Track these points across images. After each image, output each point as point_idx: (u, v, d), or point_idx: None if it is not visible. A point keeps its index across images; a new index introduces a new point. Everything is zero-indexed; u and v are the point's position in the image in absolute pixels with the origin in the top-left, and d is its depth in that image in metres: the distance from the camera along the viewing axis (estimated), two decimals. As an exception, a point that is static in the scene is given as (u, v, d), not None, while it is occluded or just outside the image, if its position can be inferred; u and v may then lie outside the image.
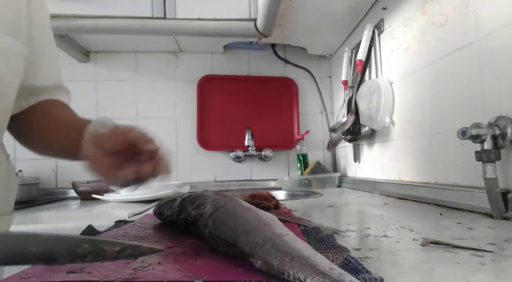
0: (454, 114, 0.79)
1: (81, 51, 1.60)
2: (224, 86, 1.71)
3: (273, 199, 0.83)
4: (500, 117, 0.63)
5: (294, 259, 0.30)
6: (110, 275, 0.33)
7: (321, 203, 0.99)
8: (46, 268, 0.36)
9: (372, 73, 1.23)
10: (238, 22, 1.26)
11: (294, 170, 1.73)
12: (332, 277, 0.27)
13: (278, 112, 1.74)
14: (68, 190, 1.50)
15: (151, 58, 1.69)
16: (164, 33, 1.39)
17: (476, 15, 0.71)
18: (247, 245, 0.35)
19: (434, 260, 0.39)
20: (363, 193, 1.21)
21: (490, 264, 0.37)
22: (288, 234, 0.36)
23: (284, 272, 0.29)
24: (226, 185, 1.67)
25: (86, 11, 1.20)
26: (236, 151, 1.66)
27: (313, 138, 1.75)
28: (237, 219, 0.41)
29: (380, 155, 1.21)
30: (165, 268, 0.35)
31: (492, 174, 0.61)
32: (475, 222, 0.60)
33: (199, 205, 0.49)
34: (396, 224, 0.61)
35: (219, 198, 0.49)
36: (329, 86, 1.79)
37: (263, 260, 0.32)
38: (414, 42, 0.96)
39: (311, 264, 0.29)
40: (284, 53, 1.77)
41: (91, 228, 0.57)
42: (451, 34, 0.79)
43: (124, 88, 1.66)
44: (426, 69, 0.90)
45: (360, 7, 1.25)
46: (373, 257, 0.41)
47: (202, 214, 0.47)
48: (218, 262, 0.37)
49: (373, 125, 1.17)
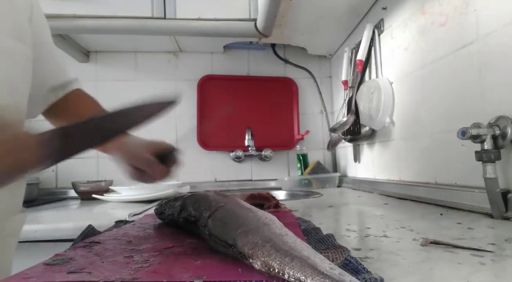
0: (454, 114, 0.79)
1: (81, 51, 1.60)
2: (224, 86, 1.71)
3: (273, 199, 0.83)
4: (500, 117, 0.63)
5: (294, 259, 0.30)
6: (110, 275, 0.33)
7: (321, 203, 0.99)
8: (46, 268, 0.36)
9: (372, 73, 1.23)
10: (238, 22, 1.26)
11: (294, 170, 1.73)
12: (332, 277, 0.27)
13: (278, 112, 1.74)
14: (68, 190, 1.50)
15: (151, 58, 1.69)
16: (164, 33, 1.39)
17: (476, 15, 0.71)
18: (247, 245, 0.35)
19: (434, 260, 0.39)
20: (363, 193, 1.21)
21: (490, 264, 0.37)
22: (288, 234, 0.36)
23: (284, 272, 0.29)
24: (226, 185, 1.67)
25: (86, 11, 1.20)
26: (236, 151, 1.66)
27: (313, 138, 1.75)
28: (236, 220, 0.40)
29: (380, 155, 1.21)
30: (165, 268, 0.35)
31: (492, 174, 0.61)
32: (475, 222, 0.60)
33: (200, 205, 0.49)
34: (396, 224, 0.61)
35: (219, 198, 0.49)
36: (329, 86, 1.79)
37: (262, 260, 0.32)
38: (414, 42, 0.96)
39: (311, 264, 0.29)
40: (284, 53, 1.77)
41: (91, 228, 0.57)
42: (451, 34, 0.79)
43: (124, 88, 1.66)
44: (426, 69, 0.90)
45: (360, 7, 1.25)
46: (373, 257, 0.41)
47: (202, 214, 0.47)
48: (218, 262, 0.37)
49: (373, 125, 1.17)
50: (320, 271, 0.28)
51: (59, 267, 0.36)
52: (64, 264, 0.37)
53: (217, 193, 0.55)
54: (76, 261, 0.39)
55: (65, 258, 0.39)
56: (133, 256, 0.40)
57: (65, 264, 0.37)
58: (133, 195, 1.16)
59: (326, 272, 0.28)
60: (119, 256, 0.40)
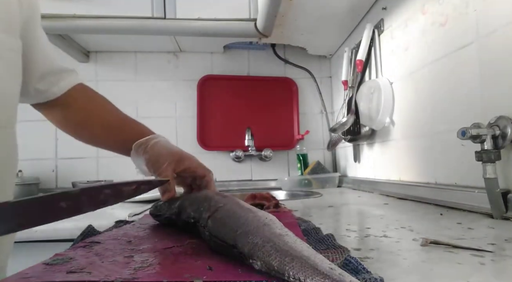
0: (454, 114, 0.79)
1: (81, 51, 1.60)
2: (224, 86, 1.71)
3: (273, 199, 0.83)
4: (500, 117, 0.63)
5: (294, 259, 0.30)
6: (110, 275, 0.33)
7: (321, 203, 0.99)
8: (46, 268, 0.36)
9: (372, 73, 1.23)
10: (238, 22, 1.26)
11: (294, 170, 1.73)
12: (332, 277, 0.27)
13: (278, 112, 1.74)
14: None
15: (151, 58, 1.69)
16: (164, 33, 1.39)
17: (476, 14, 0.71)
18: (247, 246, 0.35)
19: (434, 260, 0.39)
20: (363, 193, 1.21)
21: (490, 264, 0.37)
22: (288, 234, 0.36)
23: (284, 272, 0.29)
24: (226, 185, 1.67)
25: (86, 11, 1.20)
26: (236, 151, 1.66)
27: (313, 138, 1.75)
28: (236, 220, 0.40)
29: (380, 155, 1.21)
30: (165, 268, 0.35)
31: (492, 174, 0.61)
32: (475, 222, 0.60)
33: (199, 206, 0.49)
34: (396, 224, 0.61)
35: (219, 198, 0.49)
36: (329, 86, 1.79)
37: (263, 261, 0.32)
38: (414, 42, 0.96)
39: (311, 264, 0.29)
40: (284, 53, 1.77)
41: (91, 228, 0.57)
42: (451, 34, 0.79)
43: (124, 88, 1.66)
44: (426, 69, 0.90)
45: (360, 7, 1.25)
46: (373, 257, 0.41)
47: (202, 215, 0.47)
48: (218, 262, 0.37)
49: (373, 125, 1.17)
50: (320, 271, 0.28)
51: (59, 267, 0.36)
52: (64, 264, 0.37)
53: (216, 193, 0.55)
54: (76, 261, 0.39)
55: (65, 258, 0.39)
56: (133, 256, 0.40)
57: (65, 264, 0.37)
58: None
59: (326, 272, 0.28)
60: (119, 256, 0.40)
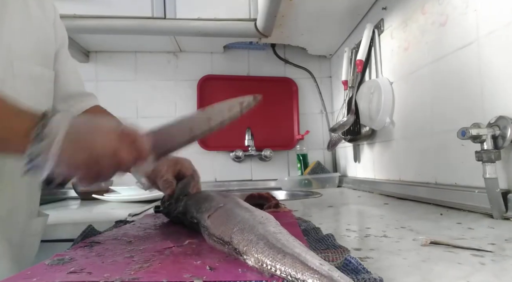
0: (454, 114, 0.79)
1: (81, 51, 1.60)
2: (224, 86, 1.71)
3: (273, 199, 0.83)
4: (500, 117, 0.63)
5: (286, 256, 0.31)
6: (110, 275, 0.33)
7: (321, 203, 0.99)
8: (47, 268, 0.36)
9: (372, 73, 1.23)
10: (238, 22, 1.26)
11: (294, 170, 1.73)
12: (321, 272, 0.28)
13: (278, 112, 1.74)
14: (68, 190, 1.50)
15: (151, 58, 1.69)
16: (164, 33, 1.39)
17: (476, 15, 0.71)
18: (242, 242, 0.36)
19: (434, 260, 0.39)
20: (363, 193, 1.21)
21: (490, 264, 0.37)
22: (282, 232, 0.37)
23: (276, 268, 0.30)
24: (226, 185, 1.67)
25: (86, 11, 1.20)
26: (236, 151, 1.66)
27: (313, 138, 1.75)
28: (233, 218, 0.42)
29: (380, 155, 1.21)
30: (165, 268, 0.36)
31: (492, 174, 0.61)
32: (475, 222, 0.60)
33: (201, 206, 0.51)
34: (396, 224, 0.61)
35: (220, 198, 0.50)
36: (329, 86, 1.79)
37: (256, 257, 0.33)
38: (414, 42, 0.96)
39: (302, 260, 0.30)
40: (284, 53, 1.77)
41: (91, 228, 0.57)
42: (451, 34, 0.79)
43: (124, 88, 1.66)
44: (426, 69, 0.90)
45: (360, 7, 1.25)
46: (373, 257, 0.41)
47: (203, 215, 0.48)
48: (218, 262, 0.37)
49: (373, 125, 1.17)
50: (310, 266, 0.29)
51: (59, 267, 0.36)
52: (64, 264, 0.37)
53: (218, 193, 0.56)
54: (76, 261, 0.39)
55: (65, 258, 0.39)
56: (133, 256, 0.40)
57: (65, 264, 0.37)
58: (133, 195, 1.16)
59: (315, 268, 0.29)
60: (119, 256, 0.41)
